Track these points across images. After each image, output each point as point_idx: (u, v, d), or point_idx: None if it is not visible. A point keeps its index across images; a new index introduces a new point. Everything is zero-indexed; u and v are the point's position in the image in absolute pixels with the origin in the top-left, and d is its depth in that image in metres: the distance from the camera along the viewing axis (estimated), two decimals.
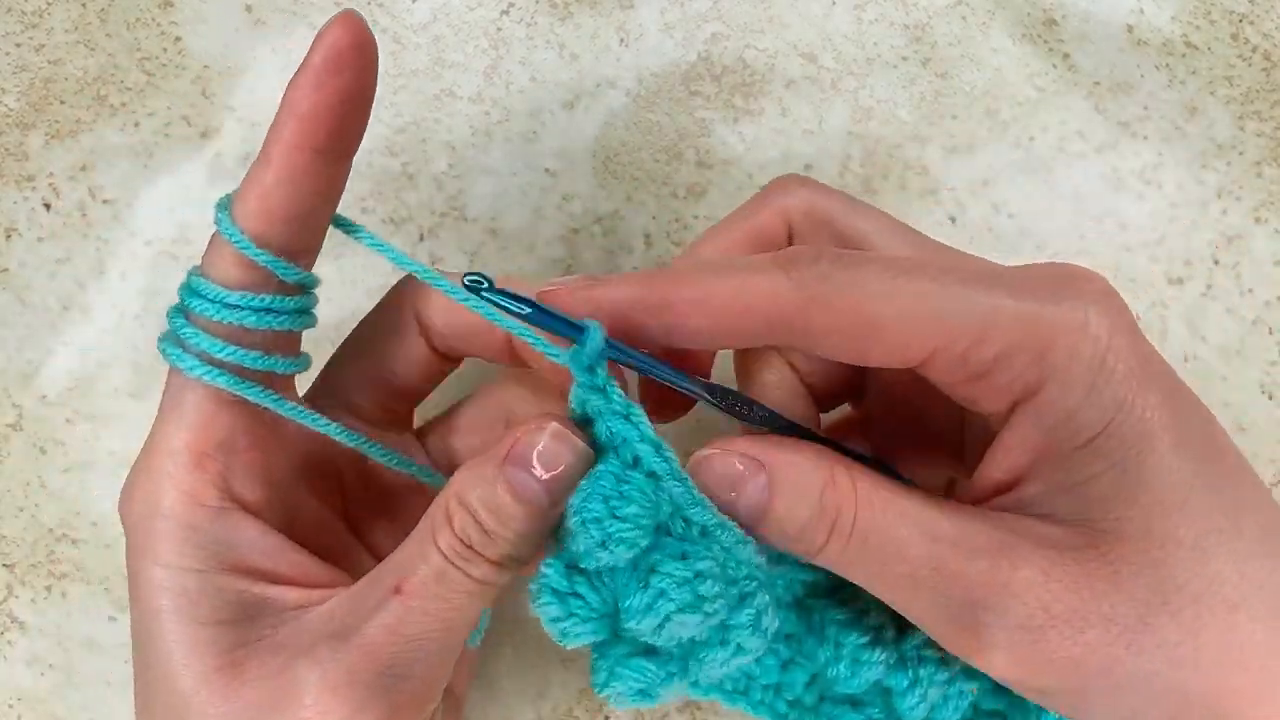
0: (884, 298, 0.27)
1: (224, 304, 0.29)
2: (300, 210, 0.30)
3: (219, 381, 0.29)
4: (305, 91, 0.29)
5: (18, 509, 0.41)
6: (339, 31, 0.29)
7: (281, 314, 0.30)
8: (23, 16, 0.43)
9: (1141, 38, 0.43)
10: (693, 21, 0.43)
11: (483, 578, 0.28)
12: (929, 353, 0.27)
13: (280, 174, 0.29)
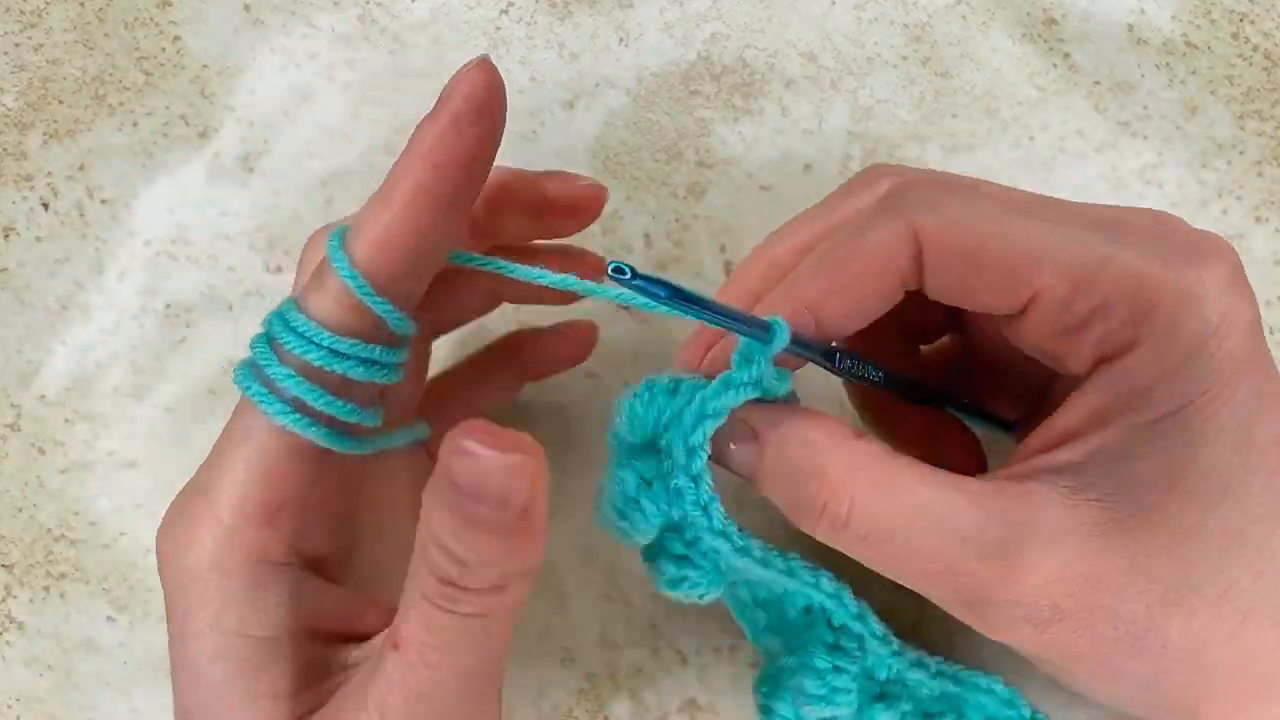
0: (996, 232, 0.27)
1: (330, 349, 0.26)
2: (417, 258, 0.27)
3: (309, 432, 0.26)
4: (443, 137, 0.27)
5: (16, 509, 0.41)
6: (479, 77, 0.26)
7: (385, 367, 0.27)
8: (21, 16, 0.43)
9: (1142, 37, 0.43)
10: (692, 21, 0.43)
11: (477, 610, 0.24)
12: (1033, 292, 0.27)
13: (405, 218, 0.27)
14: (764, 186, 0.42)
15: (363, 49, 0.43)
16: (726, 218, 0.42)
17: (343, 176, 0.42)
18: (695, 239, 0.41)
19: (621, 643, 0.39)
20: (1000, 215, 0.27)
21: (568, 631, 0.39)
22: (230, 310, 0.41)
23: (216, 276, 0.42)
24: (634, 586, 0.40)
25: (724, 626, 0.40)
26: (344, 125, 0.42)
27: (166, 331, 0.41)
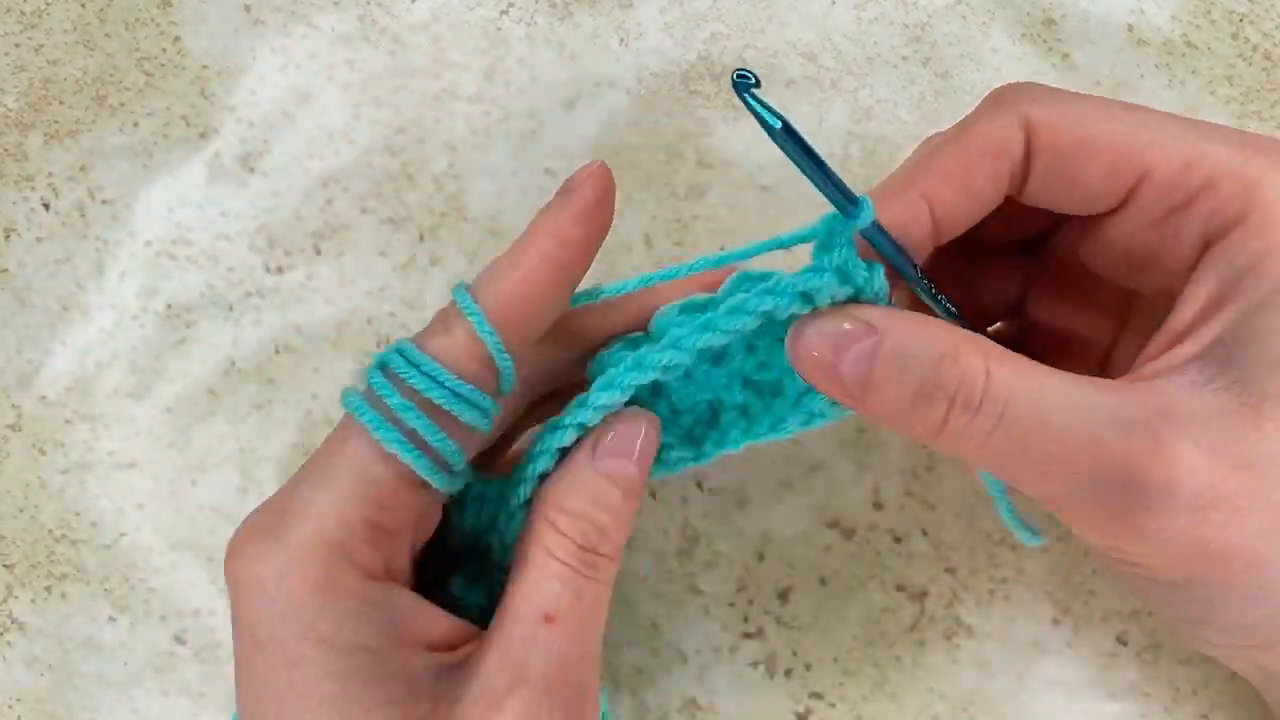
0: (1101, 120, 0.28)
1: (453, 391, 0.29)
2: (537, 322, 0.30)
3: (420, 464, 0.28)
4: (574, 222, 0.30)
5: (17, 509, 0.41)
6: (603, 175, 0.30)
7: (488, 416, 0.30)
8: (22, 16, 0.43)
9: (1141, 37, 0.43)
10: (692, 21, 0.43)
11: (605, 578, 0.29)
12: (1141, 172, 0.27)
13: (536, 287, 0.29)
14: (764, 186, 0.42)
15: (363, 49, 0.43)
16: (726, 218, 0.42)
17: (343, 176, 0.42)
18: (695, 239, 0.41)
19: (621, 643, 0.39)
20: (1106, 108, 0.28)
21: None
22: (230, 311, 0.41)
23: (216, 277, 0.42)
24: (634, 586, 0.40)
25: (724, 626, 0.40)
26: (344, 125, 0.42)
27: (166, 332, 0.41)
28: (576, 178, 0.30)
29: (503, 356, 0.29)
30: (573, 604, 0.28)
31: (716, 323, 0.29)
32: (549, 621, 0.28)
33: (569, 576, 0.28)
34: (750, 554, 0.40)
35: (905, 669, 0.39)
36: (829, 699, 0.39)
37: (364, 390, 0.29)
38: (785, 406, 0.32)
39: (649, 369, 0.29)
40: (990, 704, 0.39)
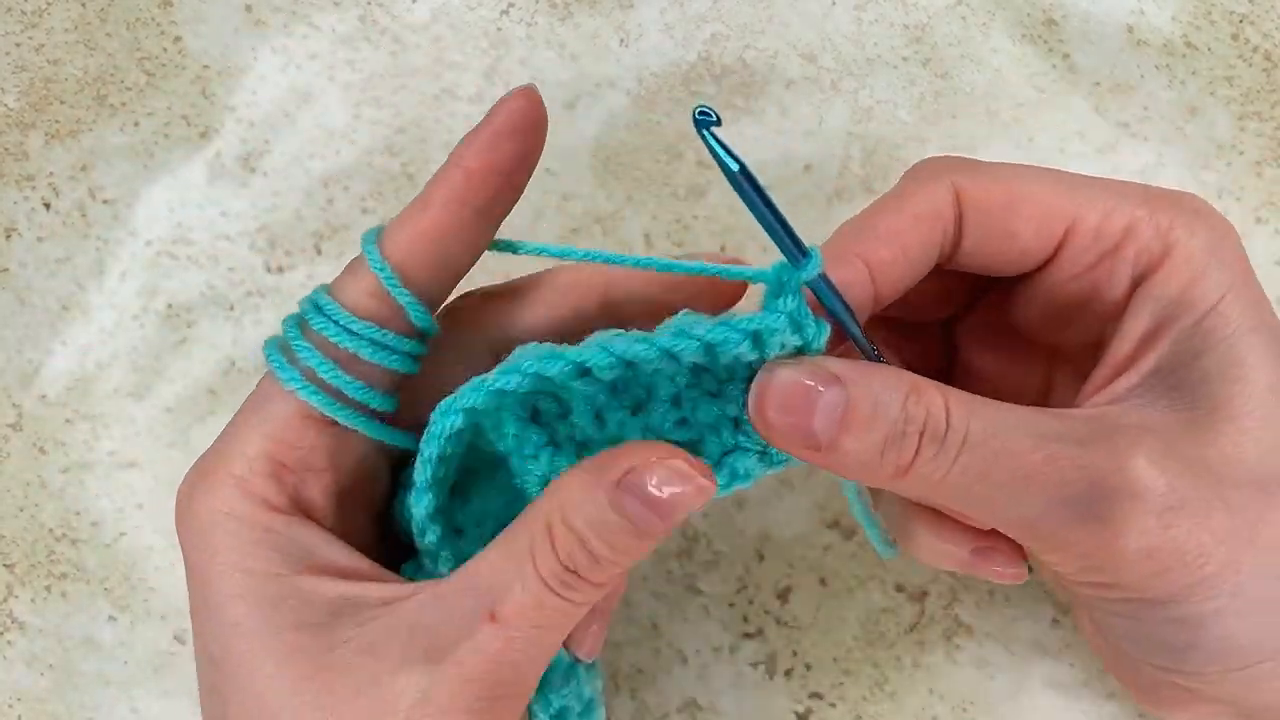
0: (1026, 181, 0.30)
1: (345, 328, 0.29)
2: (447, 261, 0.30)
3: (313, 399, 0.29)
4: (480, 150, 0.30)
5: (17, 509, 0.41)
6: (521, 102, 0.30)
7: (397, 353, 0.30)
8: (22, 16, 0.43)
9: (1141, 38, 0.43)
10: (693, 21, 0.43)
11: (583, 600, 0.27)
12: (1069, 223, 0.30)
13: (438, 223, 0.30)
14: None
15: (363, 49, 0.43)
16: (726, 218, 0.42)
17: (343, 176, 0.42)
18: (695, 239, 0.41)
19: (621, 643, 0.39)
20: (1028, 171, 0.31)
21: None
22: (230, 310, 0.41)
23: (217, 276, 0.42)
24: (634, 586, 0.40)
25: (724, 626, 0.40)
26: (344, 125, 0.42)
27: (167, 331, 0.41)
28: (495, 105, 0.30)
29: (400, 291, 0.29)
30: (524, 612, 0.27)
31: (655, 340, 0.28)
32: (492, 620, 0.27)
33: (534, 584, 0.27)
34: (750, 554, 0.40)
35: (905, 669, 0.39)
36: (829, 699, 0.39)
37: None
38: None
39: (561, 361, 0.27)
40: (990, 704, 0.39)
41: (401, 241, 0.30)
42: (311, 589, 0.28)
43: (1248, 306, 0.29)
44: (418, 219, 0.30)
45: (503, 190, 0.30)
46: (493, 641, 0.27)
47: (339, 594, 0.28)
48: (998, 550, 0.31)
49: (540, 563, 0.27)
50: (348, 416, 0.30)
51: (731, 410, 0.29)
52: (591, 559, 0.27)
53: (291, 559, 0.28)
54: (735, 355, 0.28)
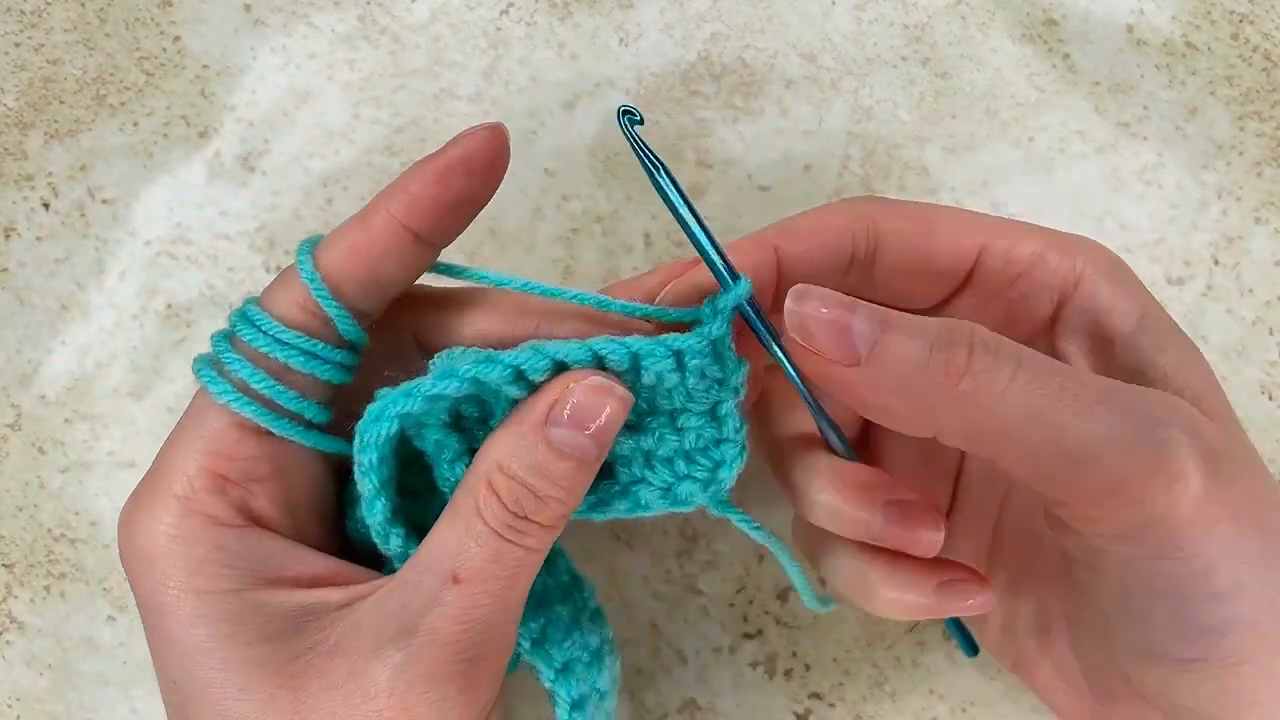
0: (938, 211, 0.32)
1: (275, 339, 0.29)
2: (380, 279, 0.30)
3: (246, 410, 0.29)
4: (429, 179, 0.30)
5: (16, 509, 0.41)
6: (483, 139, 0.30)
7: (328, 363, 0.30)
8: (22, 16, 0.43)
9: (1141, 38, 0.43)
10: (692, 21, 0.43)
11: (537, 545, 0.28)
12: (979, 248, 0.31)
13: (375, 241, 0.30)
14: (764, 186, 0.42)
15: (363, 49, 0.43)
16: (726, 218, 0.42)
17: (342, 176, 0.42)
18: None
19: (621, 643, 0.39)
20: (940, 207, 0.33)
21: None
22: (230, 310, 0.41)
23: (216, 276, 0.42)
24: (634, 587, 0.40)
25: (724, 626, 0.40)
26: (344, 125, 0.42)
27: (166, 331, 0.41)
28: (458, 135, 0.30)
29: (329, 302, 0.29)
30: (485, 567, 0.27)
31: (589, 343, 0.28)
32: (455, 582, 0.27)
33: (487, 537, 0.28)
34: (750, 554, 0.40)
35: (904, 669, 0.39)
36: (828, 699, 0.39)
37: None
38: (609, 490, 0.31)
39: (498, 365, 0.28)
40: (990, 704, 0.39)
41: (336, 255, 0.30)
42: (269, 601, 0.28)
43: (1164, 314, 0.31)
44: (356, 235, 0.30)
45: (446, 221, 0.30)
46: (459, 601, 0.27)
47: (298, 603, 0.28)
48: (963, 581, 0.30)
49: (489, 516, 0.28)
50: (282, 426, 0.30)
51: (646, 443, 0.30)
52: (537, 500, 0.28)
53: (245, 573, 0.28)
54: (658, 374, 0.29)
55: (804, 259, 0.31)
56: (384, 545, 0.30)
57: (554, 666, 0.32)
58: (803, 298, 0.27)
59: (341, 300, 0.30)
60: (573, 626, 0.33)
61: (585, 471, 0.28)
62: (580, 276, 0.41)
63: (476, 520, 0.28)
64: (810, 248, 0.31)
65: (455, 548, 0.28)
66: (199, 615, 0.28)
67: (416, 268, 0.31)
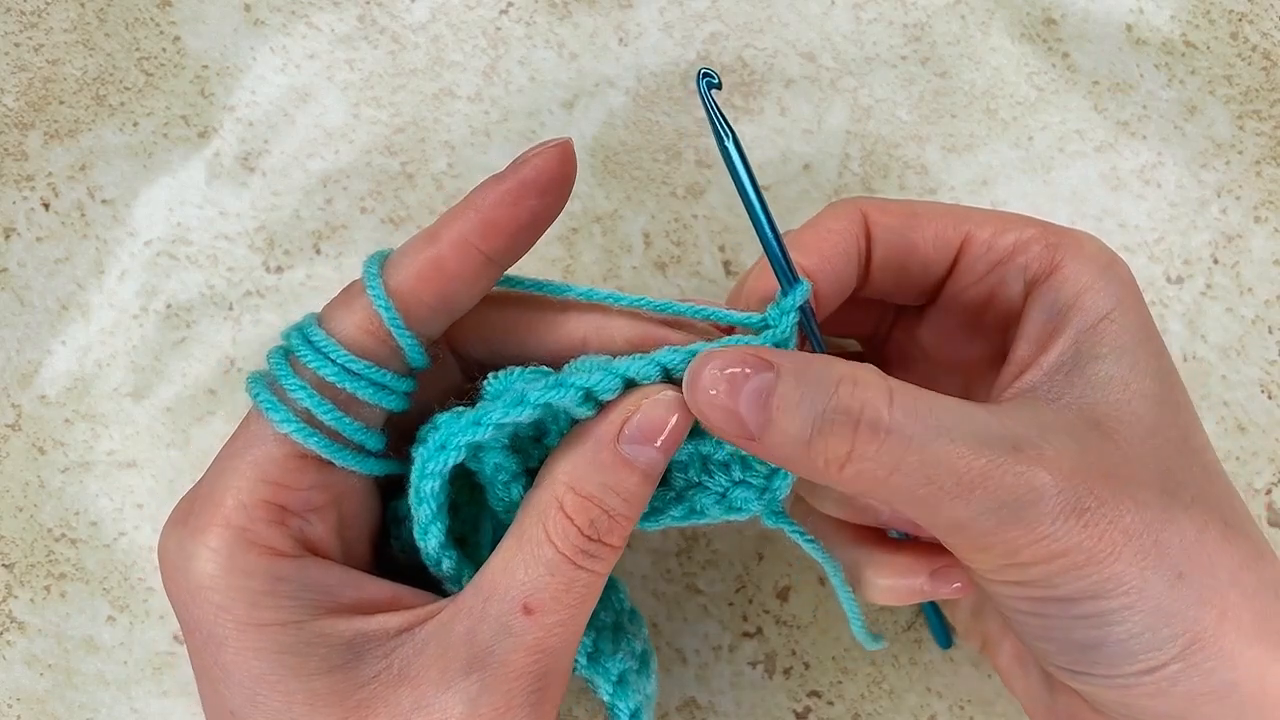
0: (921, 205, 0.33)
1: (345, 368, 0.28)
2: (450, 304, 0.30)
3: (310, 442, 0.28)
4: (502, 200, 0.29)
5: (17, 509, 0.41)
6: (554, 156, 0.30)
7: (395, 394, 0.29)
8: (22, 16, 0.43)
9: (1141, 37, 0.43)
10: (692, 21, 0.43)
11: (605, 569, 0.28)
12: (964, 237, 0.32)
13: (447, 264, 0.29)
14: (764, 186, 0.42)
15: (362, 49, 0.43)
16: (726, 218, 0.42)
17: (342, 176, 0.42)
18: (695, 239, 0.41)
19: None
20: (926, 203, 0.33)
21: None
22: (230, 310, 0.41)
23: (216, 276, 0.42)
24: (634, 586, 0.40)
25: (724, 625, 0.40)
26: (343, 125, 0.42)
27: (166, 331, 0.41)
28: (526, 153, 0.29)
29: (402, 332, 0.28)
30: (558, 596, 0.27)
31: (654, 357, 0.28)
32: (527, 612, 0.27)
33: (561, 566, 0.27)
34: (750, 554, 0.40)
35: (903, 668, 0.39)
36: (827, 697, 0.39)
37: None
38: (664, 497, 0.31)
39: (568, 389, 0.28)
40: (988, 703, 0.39)
41: (407, 278, 0.29)
42: (330, 630, 0.27)
43: (1137, 322, 0.30)
44: (426, 256, 0.29)
45: (518, 242, 0.30)
46: (532, 632, 0.27)
47: (357, 630, 0.28)
48: (949, 567, 0.32)
49: (561, 543, 0.27)
50: (345, 458, 0.29)
51: (704, 448, 0.30)
52: (610, 520, 0.28)
53: (305, 604, 0.28)
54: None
55: (819, 272, 0.31)
56: (435, 569, 0.30)
57: (611, 680, 0.32)
58: (694, 383, 0.28)
59: (411, 325, 0.29)
60: (619, 634, 0.33)
61: (650, 484, 0.28)
62: (580, 276, 0.41)
63: (547, 547, 0.27)
64: (821, 259, 0.31)
65: (524, 576, 0.27)
66: (260, 648, 0.27)
67: (484, 289, 0.30)
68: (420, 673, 0.27)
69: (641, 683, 0.33)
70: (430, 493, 0.28)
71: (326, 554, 0.29)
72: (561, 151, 0.29)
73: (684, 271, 0.41)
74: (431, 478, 0.28)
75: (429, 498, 0.28)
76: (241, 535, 0.28)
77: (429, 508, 0.29)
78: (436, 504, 0.29)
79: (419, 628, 0.28)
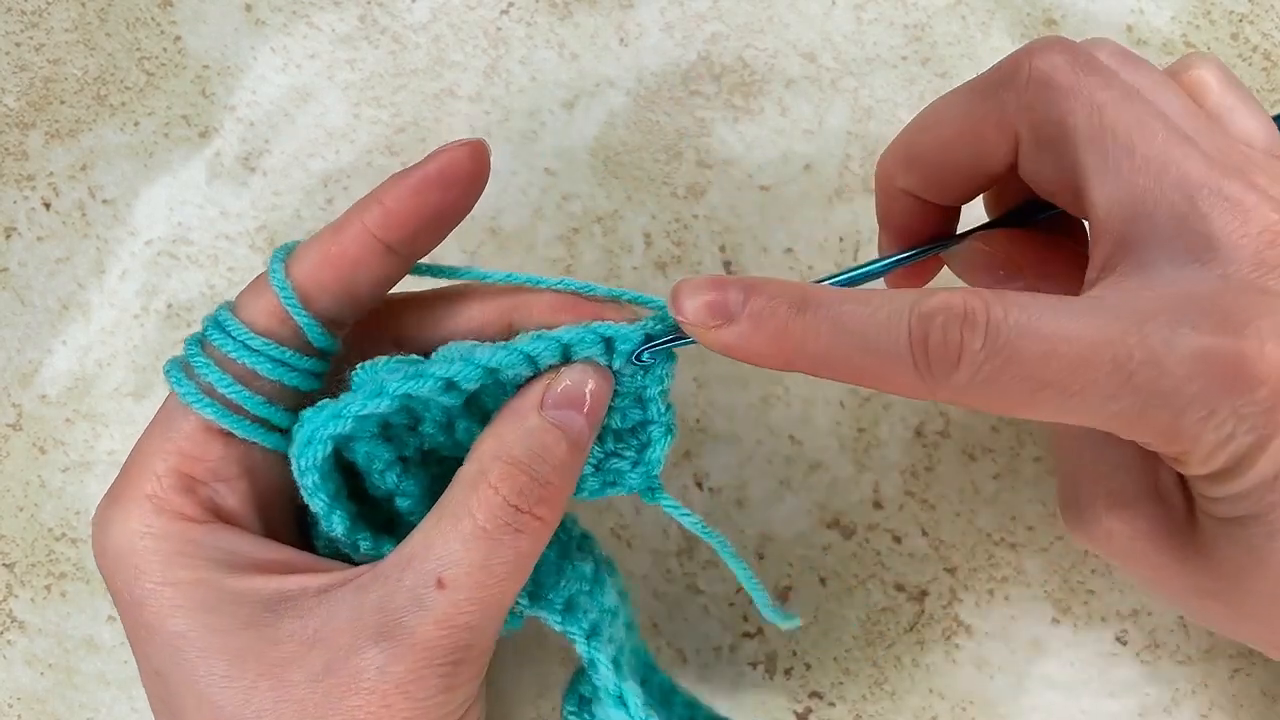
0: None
1: (245, 345, 0.30)
2: (352, 290, 0.30)
3: (207, 412, 0.29)
4: (405, 191, 0.30)
5: (17, 508, 0.41)
6: (464, 153, 0.30)
7: (296, 370, 0.30)
8: (22, 16, 0.43)
9: (1141, 37, 0.43)
10: (692, 21, 0.43)
11: (530, 547, 0.28)
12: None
13: (348, 253, 0.30)
14: (764, 186, 0.42)
15: (363, 49, 0.43)
16: (726, 218, 0.42)
17: (343, 176, 0.42)
18: (695, 239, 0.41)
19: None
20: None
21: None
22: None
23: (217, 276, 0.42)
24: (634, 586, 0.40)
25: (724, 626, 0.40)
26: (344, 125, 0.42)
27: (167, 331, 0.41)
28: (437, 149, 0.30)
29: (299, 312, 0.29)
30: (473, 572, 0.27)
31: (516, 345, 0.28)
32: (440, 586, 0.27)
33: (478, 540, 0.27)
34: (750, 554, 0.40)
35: (904, 668, 0.39)
36: (828, 698, 0.39)
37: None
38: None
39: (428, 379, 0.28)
40: (990, 704, 0.39)
41: (308, 265, 0.30)
42: (246, 588, 0.28)
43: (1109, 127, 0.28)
44: (328, 245, 0.30)
45: (420, 235, 0.30)
46: (443, 607, 0.27)
47: (274, 589, 0.28)
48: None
49: (483, 516, 0.27)
50: (244, 429, 0.30)
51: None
52: (540, 488, 0.28)
53: (219, 564, 0.28)
54: (588, 359, 0.29)
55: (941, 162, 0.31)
56: (355, 554, 0.30)
57: (557, 610, 0.31)
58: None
59: (312, 309, 0.30)
60: (562, 562, 0.32)
61: (580, 454, 0.29)
62: (580, 276, 0.41)
63: (467, 520, 0.27)
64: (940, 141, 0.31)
65: (441, 549, 0.27)
66: (177, 605, 0.28)
67: (390, 278, 0.31)
68: (332, 636, 0.27)
69: (595, 600, 0.32)
70: (315, 485, 0.29)
71: (240, 524, 0.30)
72: (471, 149, 0.30)
73: (685, 271, 0.41)
74: (308, 473, 0.29)
75: (315, 491, 0.29)
76: (154, 502, 0.29)
77: (320, 500, 0.29)
78: (327, 495, 0.29)
79: (337, 589, 0.28)
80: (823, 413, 0.40)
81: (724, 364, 0.40)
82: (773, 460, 0.40)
